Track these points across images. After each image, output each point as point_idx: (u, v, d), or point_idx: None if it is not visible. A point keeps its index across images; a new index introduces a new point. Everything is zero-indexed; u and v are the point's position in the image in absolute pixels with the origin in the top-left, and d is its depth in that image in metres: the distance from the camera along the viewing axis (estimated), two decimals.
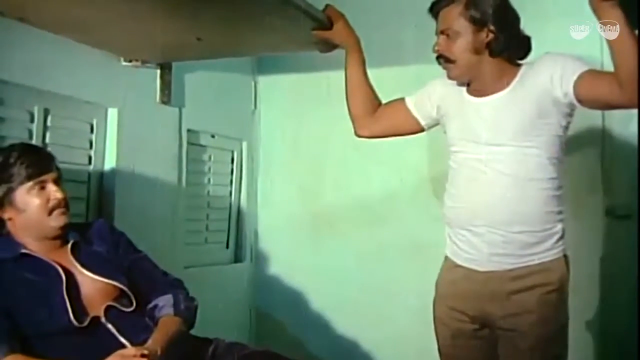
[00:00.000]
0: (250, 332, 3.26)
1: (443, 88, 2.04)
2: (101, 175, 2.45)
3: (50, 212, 1.80)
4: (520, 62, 1.93)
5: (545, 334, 1.87)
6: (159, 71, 2.66)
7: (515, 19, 1.92)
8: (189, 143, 2.88)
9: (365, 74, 2.19)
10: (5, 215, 1.80)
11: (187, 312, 1.95)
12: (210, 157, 3.10)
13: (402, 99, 2.15)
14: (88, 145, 2.41)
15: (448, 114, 2.03)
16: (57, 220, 1.82)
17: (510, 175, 1.86)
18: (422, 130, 2.15)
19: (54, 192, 1.81)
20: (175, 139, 2.79)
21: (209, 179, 3.10)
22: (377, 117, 2.18)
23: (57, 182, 1.83)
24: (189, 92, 2.85)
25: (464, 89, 1.98)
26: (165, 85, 2.69)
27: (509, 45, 1.88)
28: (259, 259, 3.31)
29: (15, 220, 1.80)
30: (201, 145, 3.03)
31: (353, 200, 3.15)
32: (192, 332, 1.98)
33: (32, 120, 2.17)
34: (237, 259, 3.27)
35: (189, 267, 2.80)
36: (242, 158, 3.29)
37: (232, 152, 3.25)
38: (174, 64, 2.70)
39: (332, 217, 3.19)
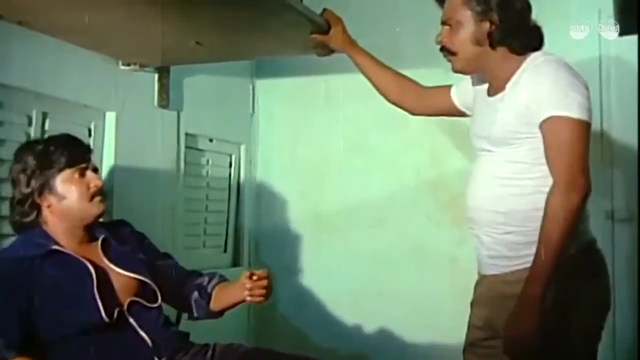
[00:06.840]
0: (249, 337, 3.24)
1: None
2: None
3: (91, 199, 1.82)
4: (530, 53, 1.81)
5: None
6: (157, 75, 2.65)
7: (525, 8, 1.82)
8: (187, 147, 2.87)
9: (379, 63, 2.17)
10: (45, 203, 1.79)
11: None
12: (208, 161, 3.09)
13: (450, 86, 2.09)
14: None
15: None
16: (97, 207, 1.84)
17: (494, 176, 1.81)
18: (464, 114, 2.08)
19: (93, 179, 1.84)
20: (174, 142, 2.78)
21: (207, 183, 3.09)
22: (423, 95, 2.15)
23: (95, 171, 1.87)
24: (187, 96, 2.84)
25: (486, 85, 1.91)
26: (164, 89, 2.68)
27: (508, 36, 1.78)
28: (257, 263, 3.30)
29: (54, 208, 1.80)
30: (199, 149, 3.02)
31: (352, 203, 3.15)
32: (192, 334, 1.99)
33: (30, 124, 2.16)
34: (235, 263, 3.25)
35: None
36: (241, 162, 3.28)
37: (231, 156, 3.24)
38: (172, 68, 2.69)
39: (331, 221, 3.18)
